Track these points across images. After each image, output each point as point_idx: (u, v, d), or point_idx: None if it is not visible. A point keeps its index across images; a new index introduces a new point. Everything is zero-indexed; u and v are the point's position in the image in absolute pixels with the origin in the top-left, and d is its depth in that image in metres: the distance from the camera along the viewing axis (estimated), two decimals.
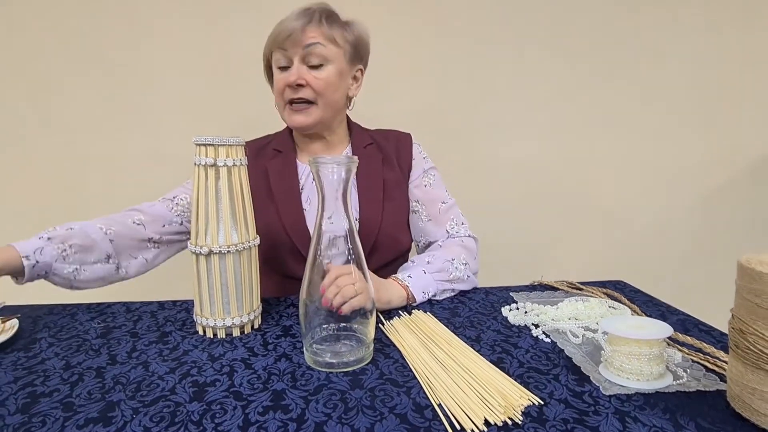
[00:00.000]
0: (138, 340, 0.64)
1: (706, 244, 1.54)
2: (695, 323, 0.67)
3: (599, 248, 1.51)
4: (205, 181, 0.63)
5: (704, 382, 0.50)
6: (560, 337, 0.62)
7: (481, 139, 1.42)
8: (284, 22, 0.82)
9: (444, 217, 0.93)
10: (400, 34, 1.34)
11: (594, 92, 1.43)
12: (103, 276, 0.77)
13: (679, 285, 1.51)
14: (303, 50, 0.81)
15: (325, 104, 0.85)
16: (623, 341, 0.50)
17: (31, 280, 0.69)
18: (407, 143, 0.97)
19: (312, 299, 0.56)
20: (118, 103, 1.29)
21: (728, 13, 1.41)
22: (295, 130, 0.92)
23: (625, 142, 1.46)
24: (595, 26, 1.39)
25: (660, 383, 0.49)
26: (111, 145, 1.31)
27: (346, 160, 0.55)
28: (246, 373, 0.54)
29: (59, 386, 0.52)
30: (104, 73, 1.27)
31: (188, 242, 0.65)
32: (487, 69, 1.38)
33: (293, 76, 0.82)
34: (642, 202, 1.50)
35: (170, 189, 0.91)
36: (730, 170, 1.51)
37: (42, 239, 0.70)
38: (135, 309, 0.77)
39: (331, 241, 0.57)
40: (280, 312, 0.75)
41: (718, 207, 1.52)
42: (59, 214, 1.31)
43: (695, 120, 1.47)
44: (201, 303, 0.65)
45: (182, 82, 1.30)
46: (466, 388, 0.49)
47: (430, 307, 0.75)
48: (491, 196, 1.43)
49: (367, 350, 0.57)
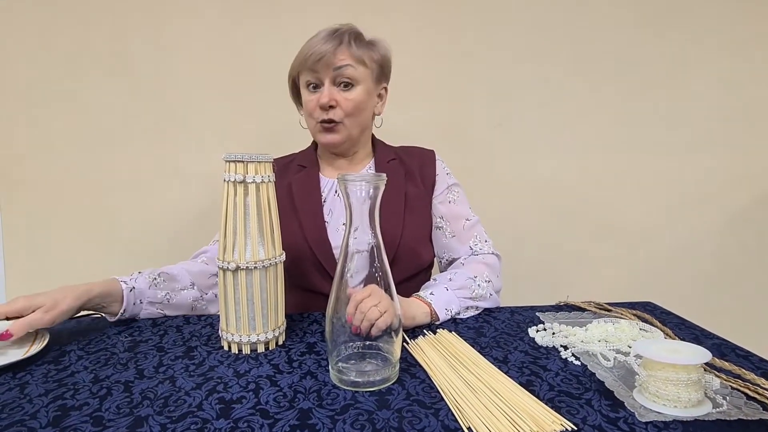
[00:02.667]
0: (164, 354, 0.65)
1: (733, 265, 1.49)
2: (732, 348, 0.64)
3: (624, 269, 1.47)
4: (234, 197, 0.64)
5: (745, 410, 0.48)
6: (591, 360, 0.61)
7: (505, 157, 1.41)
8: (313, 44, 0.84)
9: (468, 234, 0.93)
10: (425, 53, 1.35)
11: (618, 113, 1.41)
12: (192, 301, 0.84)
13: (707, 307, 1.46)
14: (333, 72, 0.84)
15: (354, 123, 0.88)
16: (659, 366, 0.48)
17: (127, 310, 0.76)
18: (431, 159, 0.98)
19: (338, 316, 0.56)
20: (142, 119, 1.32)
21: (752, 34, 1.39)
22: (325, 148, 0.94)
23: (650, 162, 1.43)
24: (619, 48, 1.38)
25: (699, 411, 0.47)
26: (134, 161, 1.33)
27: (374, 178, 0.55)
28: (272, 391, 0.54)
29: (89, 400, 0.53)
30: (129, 89, 1.31)
31: (216, 258, 0.66)
32: (511, 88, 1.38)
33: (325, 98, 0.84)
34: (667, 223, 1.47)
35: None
36: (756, 190, 1.47)
37: (132, 274, 0.79)
38: (161, 323, 0.78)
39: (358, 257, 0.56)
40: (304, 329, 0.74)
41: (744, 228, 1.47)
42: (83, 229, 1.34)
43: (720, 140, 1.44)
44: (227, 318, 0.65)
45: (207, 99, 1.33)
46: (496, 412, 0.48)
47: (455, 327, 0.74)
48: (515, 215, 1.42)
49: (393, 369, 0.56)
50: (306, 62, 0.85)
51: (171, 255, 1.33)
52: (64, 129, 1.31)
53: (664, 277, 1.48)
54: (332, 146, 0.91)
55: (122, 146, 1.33)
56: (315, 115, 0.87)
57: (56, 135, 1.31)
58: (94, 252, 1.35)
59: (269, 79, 1.30)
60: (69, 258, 1.34)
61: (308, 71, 0.86)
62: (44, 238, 1.34)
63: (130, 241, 1.35)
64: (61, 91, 1.30)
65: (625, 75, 1.39)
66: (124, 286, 0.76)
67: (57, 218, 1.34)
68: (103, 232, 1.35)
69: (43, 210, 1.33)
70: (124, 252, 1.35)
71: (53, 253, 1.34)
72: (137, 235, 1.35)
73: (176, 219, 1.35)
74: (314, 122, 0.88)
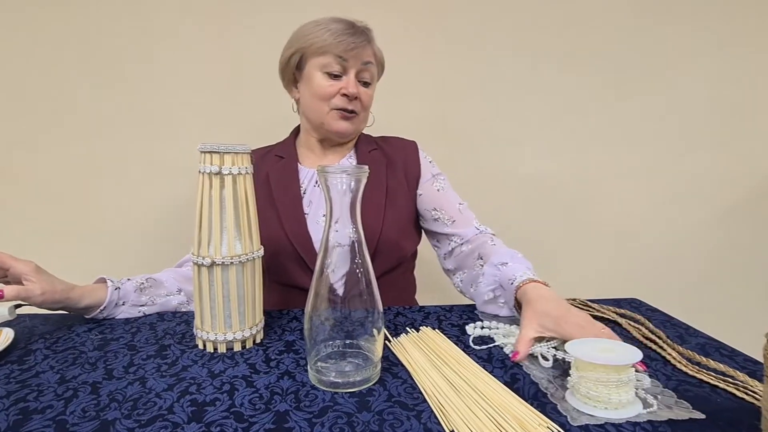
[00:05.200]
0: (136, 353, 0.62)
1: (721, 262, 1.50)
2: (717, 347, 0.64)
3: (610, 265, 1.48)
4: (209, 189, 0.61)
5: (676, 410, 0.47)
6: (526, 359, 0.59)
7: (491, 152, 1.40)
8: (338, 31, 0.82)
9: (467, 215, 0.92)
10: (413, 45, 1.32)
11: (606, 107, 1.41)
12: (176, 304, 0.81)
13: (693, 304, 1.47)
14: (361, 66, 0.86)
15: (365, 118, 0.92)
16: (590, 366, 0.47)
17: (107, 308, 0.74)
18: (413, 151, 0.96)
19: (318, 313, 0.54)
20: (125, 110, 1.28)
21: (741, 30, 1.40)
22: (334, 135, 0.90)
23: (637, 157, 1.44)
24: (608, 42, 1.37)
25: (629, 412, 0.46)
26: (118, 153, 1.29)
27: (356, 170, 0.52)
28: (247, 392, 0.52)
29: (53, 402, 0.50)
30: (114, 79, 1.26)
31: (190, 253, 0.63)
32: (500, 82, 1.37)
33: (352, 88, 0.84)
34: (654, 219, 1.47)
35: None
36: (744, 187, 1.48)
37: (122, 279, 0.78)
38: (134, 320, 0.75)
39: (338, 252, 0.54)
40: (283, 326, 0.72)
41: (731, 225, 1.49)
42: (66, 220, 1.30)
43: (707, 138, 1.44)
44: (202, 316, 0.63)
45: (192, 90, 1.29)
46: (480, 413, 0.46)
47: (438, 324, 0.73)
48: (500, 210, 1.41)
49: (374, 369, 0.54)
50: (334, 47, 0.82)
51: (156, 250, 1.30)
52: (45, 123, 1.27)
53: (651, 273, 1.49)
54: (344, 135, 0.90)
55: (106, 140, 1.29)
56: (334, 102, 0.86)
57: (37, 129, 1.27)
58: (76, 247, 1.31)
59: (256, 72, 1.26)
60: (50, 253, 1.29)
61: (334, 57, 0.83)
62: (25, 233, 1.29)
63: (114, 236, 1.31)
64: (43, 84, 1.25)
65: (612, 71, 1.39)
66: (110, 284, 0.74)
67: (38, 213, 1.29)
68: (87, 226, 1.31)
69: (23, 204, 1.29)
70: (108, 247, 1.31)
71: (34, 248, 1.29)
72: (121, 230, 1.31)
73: (162, 214, 1.32)
74: (327, 108, 0.86)
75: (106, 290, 0.74)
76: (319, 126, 0.89)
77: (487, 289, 0.77)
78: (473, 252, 0.86)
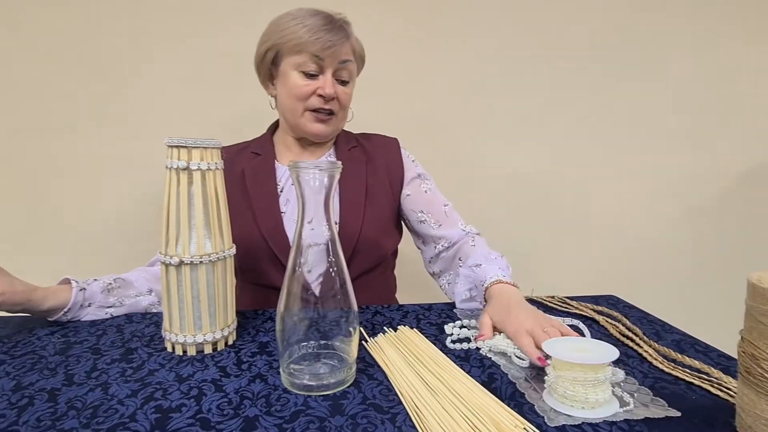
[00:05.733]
0: (100, 357, 0.59)
1: (695, 258, 1.53)
2: (692, 343, 0.64)
3: (589, 263, 1.49)
4: (177, 185, 0.58)
5: (652, 408, 0.47)
6: (504, 360, 0.58)
7: (472, 148, 1.39)
8: (314, 27, 0.78)
9: (452, 217, 0.92)
10: (396, 41, 1.31)
11: (585, 105, 1.41)
12: (147, 305, 0.78)
13: (669, 300, 1.50)
14: (338, 65, 0.82)
15: (343, 117, 0.89)
16: (567, 366, 0.47)
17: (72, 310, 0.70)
18: (395, 149, 0.94)
19: (290, 313, 0.52)
20: (92, 104, 1.23)
21: (717, 31, 1.42)
22: (310, 137, 0.88)
23: (615, 155, 1.45)
24: (583, 42, 1.38)
25: (606, 411, 0.46)
26: (84, 148, 1.24)
27: (329, 166, 0.51)
28: (216, 397, 0.49)
29: (5, 411, 0.47)
30: (77, 71, 1.21)
31: (158, 252, 0.60)
32: (480, 80, 1.36)
33: (329, 88, 0.81)
34: (632, 216, 1.49)
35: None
36: (720, 183, 1.50)
37: (87, 280, 0.74)
38: (100, 322, 0.72)
39: (314, 251, 0.52)
40: (257, 327, 0.70)
41: (706, 220, 1.51)
42: (30, 219, 1.24)
43: (682, 134, 1.46)
44: (170, 317, 0.60)
45: (160, 83, 1.25)
46: (457, 416, 0.45)
47: (417, 323, 0.71)
48: (480, 207, 1.40)
49: (349, 371, 0.53)
50: (310, 46, 0.79)
51: (121, 250, 1.26)
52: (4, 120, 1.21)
53: (628, 270, 1.51)
54: (320, 137, 0.87)
55: (66, 133, 1.23)
56: (310, 102, 0.83)
57: None
58: (36, 247, 1.25)
59: (231, 64, 1.23)
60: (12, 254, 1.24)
61: (309, 56, 0.80)
62: None
63: (77, 235, 1.26)
64: None
65: (592, 69, 1.40)
66: (75, 284, 0.71)
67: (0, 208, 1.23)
68: (47, 225, 1.25)
69: None
70: (70, 246, 1.26)
71: None
72: (84, 228, 1.26)
73: (127, 211, 1.27)
74: (303, 109, 0.83)
75: (71, 291, 0.70)
76: (295, 126, 0.87)
77: (464, 289, 0.79)
78: (456, 254, 0.88)
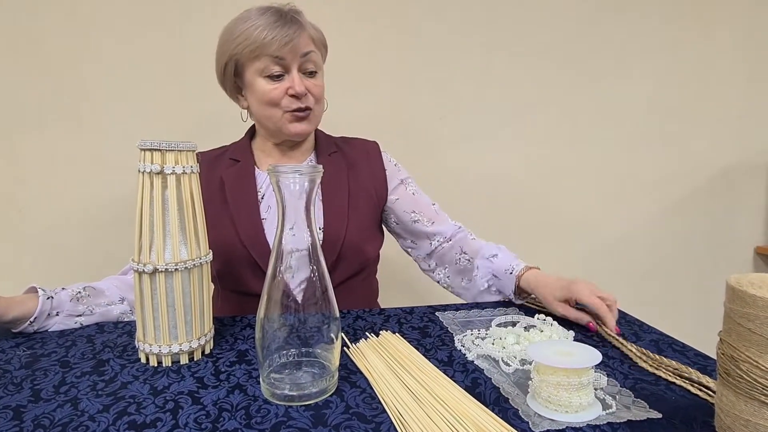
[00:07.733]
0: (69, 370, 0.57)
1: (665, 258, 1.57)
2: (669, 342, 0.65)
3: (565, 261, 1.51)
4: (150, 190, 0.56)
5: (634, 411, 0.47)
6: (488, 364, 0.58)
7: (445, 149, 1.40)
8: (265, 26, 0.75)
9: (442, 214, 0.95)
10: (366, 40, 1.30)
11: (556, 105, 1.44)
12: (119, 314, 0.76)
13: (646, 300, 1.53)
14: (301, 59, 0.79)
15: (320, 110, 0.86)
16: (551, 370, 0.47)
17: (38, 320, 0.67)
18: (376, 154, 0.94)
19: (270, 320, 0.51)
20: (57, 102, 1.18)
21: (686, 31, 1.46)
22: (293, 138, 0.86)
23: (587, 155, 1.47)
24: (558, 43, 1.40)
25: (590, 414, 0.46)
26: (51, 149, 1.19)
27: (310, 170, 0.50)
28: (193, 410, 0.48)
29: None
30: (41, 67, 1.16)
31: (131, 260, 0.58)
32: (455, 80, 1.37)
33: (299, 86, 0.78)
34: (606, 215, 1.52)
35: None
36: (689, 184, 1.55)
37: (55, 288, 0.71)
38: (69, 333, 0.69)
39: (293, 256, 0.51)
40: (236, 334, 0.68)
41: (676, 220, 1.56)
42: None
43: (655, 134, 1.50)
44: (144, 327, 0.58)
45: (133, 81, 1.21)
46: (441, 423, 0.44)
47: (399, 327, 0.71)
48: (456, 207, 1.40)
49: (331, 380, 0.52)
50: (266, 47, 0.76)
51: (89, 256, 1.21)
52: None
53: (600, 269, 1.53)
54: (303, 136, 0.85)
55: (33, 133, 1.18)
56: (284, 104, 0.80)
57: None
58: (4, 255, 1.20)
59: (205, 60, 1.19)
60: None
61: (269, 58, 0.77)
62: None
63: (42, 240, 1.21)
64: None
65: (566, 70, 1.42)
66: (41, 293, 0.68)
67: None
68: (10, 229, 1.20)
69: None
70: (35, 252, 1.21)
71: None
72: (50, 233, 1.21)
73: (96, 215, 1.23)
74: (281, 112, 0.81)
75: (37, 300, 0.67)
76: (277, 131, 0.85)
77: (483, 280, 0.86)
78: (453, 247, 0.91)
